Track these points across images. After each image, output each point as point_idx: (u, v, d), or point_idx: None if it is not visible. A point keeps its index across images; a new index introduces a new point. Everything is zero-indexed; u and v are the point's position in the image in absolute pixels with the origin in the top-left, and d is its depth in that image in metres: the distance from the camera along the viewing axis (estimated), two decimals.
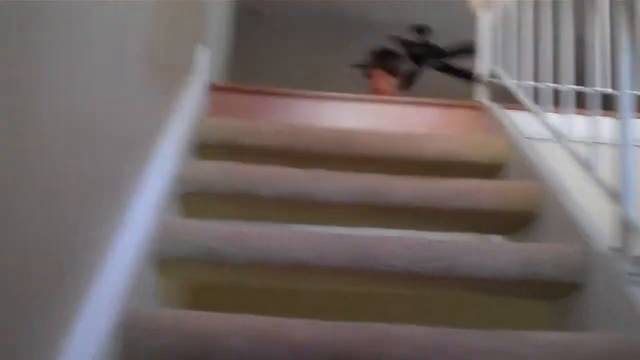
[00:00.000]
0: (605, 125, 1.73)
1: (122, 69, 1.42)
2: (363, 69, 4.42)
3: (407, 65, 4.61)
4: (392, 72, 4.23)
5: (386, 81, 4.18)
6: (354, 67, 4.71)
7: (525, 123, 2.31)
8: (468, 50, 6.72)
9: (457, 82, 7.15)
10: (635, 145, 1.59)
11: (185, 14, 2.25)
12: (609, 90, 2.04)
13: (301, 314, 1.43)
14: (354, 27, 7.16)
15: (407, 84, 7.36)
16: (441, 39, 7.20)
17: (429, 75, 7.31)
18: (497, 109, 2.55)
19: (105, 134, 1.31)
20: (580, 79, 2.14)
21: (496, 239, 2.18)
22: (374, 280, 1.64)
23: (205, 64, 2.70)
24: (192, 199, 1.89)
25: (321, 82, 4.11)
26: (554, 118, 2.05)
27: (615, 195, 1.58)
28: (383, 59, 4.27)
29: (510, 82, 2.45)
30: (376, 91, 4.13)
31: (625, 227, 1.51)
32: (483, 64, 2.83)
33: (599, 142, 1.73)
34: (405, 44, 7.08)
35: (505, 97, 2.50)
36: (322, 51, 7.12)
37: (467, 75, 7.06)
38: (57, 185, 1.04)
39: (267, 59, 7.77)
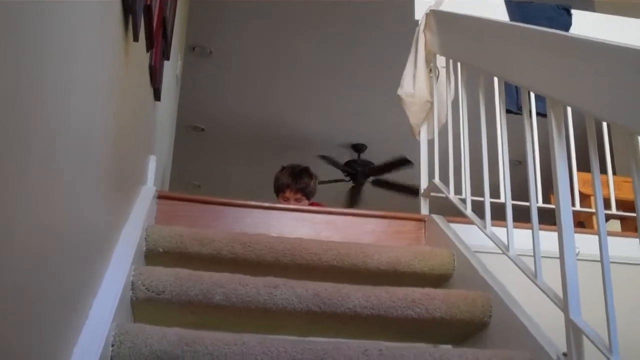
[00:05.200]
0: (544, 238, 1.85)
1: (85, 177, 1.43)
2: (276, 188, 3.81)
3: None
4: (306, 193, 3.73)
5: (299, 203, 3.65)
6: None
7: (468, 235, 2.40)
8: (401, 164, 6.99)
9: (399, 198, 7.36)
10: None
11: (139, 125, 2.31)
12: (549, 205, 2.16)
13: None
14: (291, 143, 7.35)
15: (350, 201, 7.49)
16: (375, 156, 7.47)
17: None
18: (440, 221, 2.64)
19: (72, 237, 1.31)
20: (517, 194, 2.27)
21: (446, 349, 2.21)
22: None
23: (154, 173, 2.76)
24: (144, 306, 1.87)
25: (258, 194, 3.83)
26: (496, 231, 2.14)
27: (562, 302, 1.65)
28: (298, 179, 3.74)
29: (452, 196, 2.54)
30: None
31: (574, 332, 1.58)
32: (424, 179, 2.94)
33: (542, 255, 1.83)
34: (334, 162, 7.31)
35: (449, 210, 2.59)
36: (259, 165, 7.25)
37: (403, 189, 7.28)
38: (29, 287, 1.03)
39: (207, 170, 7.88)
